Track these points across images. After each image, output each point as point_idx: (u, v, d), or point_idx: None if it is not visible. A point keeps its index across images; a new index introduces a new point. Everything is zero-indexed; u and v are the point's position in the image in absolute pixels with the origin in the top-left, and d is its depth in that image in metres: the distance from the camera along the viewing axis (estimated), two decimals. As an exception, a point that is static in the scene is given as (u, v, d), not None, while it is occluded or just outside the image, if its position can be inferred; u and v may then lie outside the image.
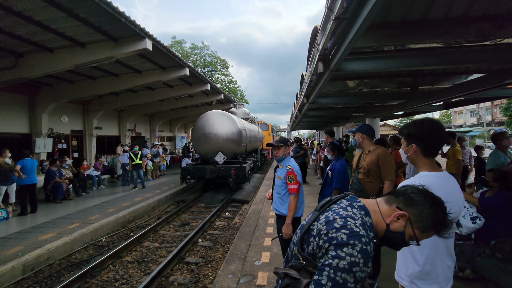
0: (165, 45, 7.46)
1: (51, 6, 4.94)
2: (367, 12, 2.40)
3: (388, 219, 1.14)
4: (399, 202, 1.16)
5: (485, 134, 31.35)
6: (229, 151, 9.94)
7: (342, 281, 0.94)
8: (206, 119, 9.90)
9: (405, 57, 4.75)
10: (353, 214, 1.08)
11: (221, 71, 33.59)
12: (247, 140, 11.32)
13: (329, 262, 0.96)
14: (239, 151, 10.48)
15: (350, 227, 1.02)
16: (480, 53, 4.64)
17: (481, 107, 36.44)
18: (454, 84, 7.42)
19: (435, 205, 1.12)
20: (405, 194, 1.17)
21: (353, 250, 0.96)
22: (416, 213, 1.11)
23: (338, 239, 0.99)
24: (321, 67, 4.38)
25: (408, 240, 1.13)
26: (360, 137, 3.20)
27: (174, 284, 4.08)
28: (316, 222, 1.12)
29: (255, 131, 14.12)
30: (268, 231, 5.25)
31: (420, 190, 1.17)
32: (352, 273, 0.94)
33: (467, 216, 3.27)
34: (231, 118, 10.15)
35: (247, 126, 11.90)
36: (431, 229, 1.11)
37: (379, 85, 8.27)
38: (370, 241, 1.01)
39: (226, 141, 9.79)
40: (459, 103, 10.45)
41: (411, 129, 1.68)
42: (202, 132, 9.74)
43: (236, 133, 9.97)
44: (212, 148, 9.77)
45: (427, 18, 3.54)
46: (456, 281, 3.26)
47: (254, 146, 13.97)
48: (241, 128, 10.49)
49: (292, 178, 2.93)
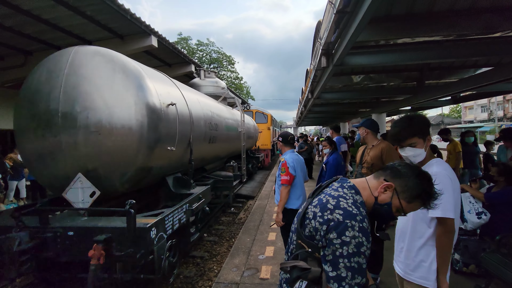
0: (171, 42, 7.51)
1: (58, 5, 5.03)
2: (368, 5, 2.38)
3: (376, 192, 1.18)
4: (386, 175, 1.20)
5: (497, 130, 30.69)
6: (120, 169, 2.94)
7: (357, 265, 0.98)
8: (51, 72, 2.93)
9: (411, 51, 4.69)
10: (344, 194, 1.12)
11: (227, 68, 33.57)
12: (215, 135, 5.37)
13: (339, 252, 0.99)
14: (173, 165, 3.84)
15: (343, 207, 1.06)
16: (489, 46, 4.54)
17: (493, 102, 35.58)
18: (462, 78, 7.27)
19: (420, 175, 1.16)
20: (392, 167, 1.22)
21: (354, 231, 1.00)
22: (402, 183, 1.16)
23: (335, 221, 1.03)
24: (325, 62, 4.36)
25: (395, 211, 1.16)
26: (364, 131, 3.20)
27: (180, 277, 4.16)
28: (310, 205, 1.16)
29: (235, 120, 7.42)
30: (271, 225, 5.29)
31: (407, 164, 1.22)
32: (362, 254, 0.99)
33: (473, 211, 3.24)
34: (138, 78, 3.02)
35: (215, 109, 5.76)
36: (417, 199, 1.15)
37: (385, 80, 8.17)
38: (364, 217, 1.06)
39: (118, 142, 2.87)
40: (468, 98, 10.25)
41: (419, 122, 1.71)
42: (36, 113, 2.91)
43: (156, 118, 3.09)
44: (63, 165, 2.90)
45: (433, 10, 3.48)
46: (461, 276, 3.25)
47: (235, 148, 7.49)
48: (185, 110, 3.96)
49: (284, 170, 3.05)
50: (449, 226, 1.55)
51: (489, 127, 33.28)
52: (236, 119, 7.51)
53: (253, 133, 10.50)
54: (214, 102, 6.46)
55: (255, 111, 14.41)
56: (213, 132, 5.21)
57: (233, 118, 7.27)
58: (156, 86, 3.26)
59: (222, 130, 5.89)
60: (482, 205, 3.25)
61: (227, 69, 33.66)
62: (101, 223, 2.53)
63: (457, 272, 3.27)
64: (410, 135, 1.67)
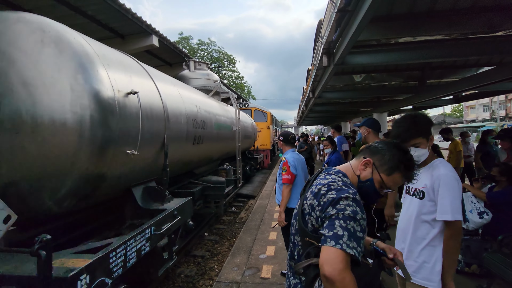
0: (172, 41, 7.51)
1: (59, 4, 5.04)
2: (369, 3, 2.37)
3: (357, 170, 1.25)
4: (365, 153, 1.27)
5: (498, 129, 30.57)
6: (53, 181, 2.08)
7: (352, 229, 0.99)
8: None
9: (412, 50, 4.67)
10: (332, 179, 1.15)
11: (228, 67, 33.59)
12: (201, 134, 4.51)
13: (335, 215, 1.01)
14: (140, 172, 2.96)
15: (335, 187, 1.10)
16: (491, 45, 4.52)
17: (495, 101, 35.43)
18: (463, 77, 7.24)
19: (396, 148, 1.22)
20: (370, 146, 1.29)
21: (348, 200, 1.04)
22: (379, 157, 1.21)
23: (330, 199, 1.06)
24: (326, 61, 4.35)
25: (379, 187, 1.21)
26: (365, 131, 3.19)
27: (181, 276, 4.17)
28: (305, 201, 1.17)
29: (229, 117, 6.49)
30: (272, 225, 5.29)
31: (384, 141, 1.28)
32: (357, 221, 1.01)
33: (474, 211, 3.23)
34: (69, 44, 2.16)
35: (202, 104, 4.94)
36: (395, 171, 1.19)
37: (386, 79, 8.15)
38: (356, 193, 1.09)
39: (47, 143, 2.03)
40: (470, 97, 10.21)
41: (423, 122, 1.71)
42: None
43: (105, 111, 2.23)
44: None
45: (434, 9, 3.47)
46: (463, 277, 3.24)
47: (230, 149, 6.58)
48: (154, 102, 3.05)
49: (285, 169, 3.05)
50: (458, 229, 1.55)
51: (491, 127, 33.15)
52: (230, 116, 6.50)
53: (250, 132, 9.44)
54: (204, 96, 5.47)
55: (254, 109, 13.49)
56: (199, 131, 4.25)
57: (226, 115, 6.25)
58: (112, 70, 2.43)
59: (211, 128, 4.91)
60: (484, 205, 3.24)
61: (228, 69, 33.68)
62: (6, 267, 1.64)
63: (459, 272, 3.26)
64: (415, 135, 1.65)
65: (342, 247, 0.94)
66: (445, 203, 1.54)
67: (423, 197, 1.65)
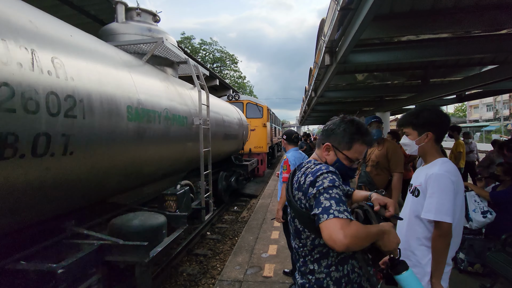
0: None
1: (62, 4, 5.07)
2: (372, 1, 2.37)
3: (323, 158, 1.29)
4: (322, 140, 1.31)
5: (502, 129, 30.36)
6: None
7: (337, 195, 1.04)
8: None
9: (415, 48, 4.65)
10: (307, 167, 1.20)
11: (230, 67, 33.63)
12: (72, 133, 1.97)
13: (317, 192, 1.06)
14: None
15: (310, 171, 1.15)
16: (495, 43, 4.49)
17: (498, 100, 35.19)
18: (467, 76, 7.20)
19: (343, 122, 1.26)
20: (323, 130, 1.33)
21: (323, 174, 1.10)
22: (334, 137, 1.26)
23: (308, 182, 1.12)
24: (328, 60, 4.34)
25: (348, 163, 1.25)
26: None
27: (184, 274, 4.18)
28: (293, 200, 1.21)
29: (184, 104, 3.90)
30: (275, 224, 5.29)
31: (334, 120, 1.31)
32: (337, 187, 1.06)
33: (478, 210, 3.21)
34: None
35: (92, 74, 2.25)
36: (353, 143, 1.23)
37: (389, 78, 8.11)
38: (328, 166, 1.16)
39: None
40: (473, 96, 10.14)
41: (426, 116, 1.63)
42: None
43: None
44: None
45: (437, 7, 3.45)
46: (466, 276, 3.23)
47: (189, 156, 4.10)
48: None
49: (285, 168, 3.05)
50: (444, 230, 1.48)
51: (494, 126, 32.93)
52: (186, 103, 3.99)
53: (236, 130, 7.00)
54: (136, 63, 3.22)
55: (246, 102, 10.97)
56: (70, 125, 1.96)
57: (178, 100, 3.77)
58: None
59: (120, 119, 2.50)
60: (487, 204, 3.22)
61: (230, 68, 33.72)
62: None
63: (462, 272, 3.25)
64: (405, 123, 1.71)
65: (335, 215, 0.98)
66: (431, 202, 1.50)
67: (418, 195, 1.63)
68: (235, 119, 7.06)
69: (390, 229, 1.10)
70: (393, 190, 2.99)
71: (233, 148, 7.24)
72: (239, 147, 7.94)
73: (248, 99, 11.22)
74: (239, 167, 8.10)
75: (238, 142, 7.49)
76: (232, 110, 7.30)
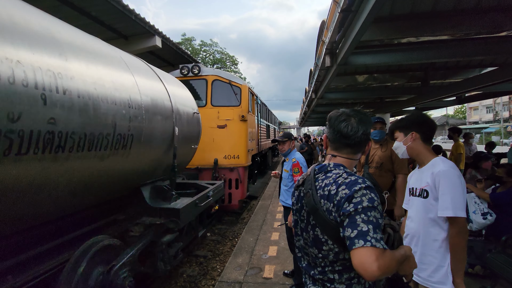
0: (174, 42, 7.55)
1: (63, 5, 5.08)
2: (373, 4, 2.38)
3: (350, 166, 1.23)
4: (337, 147, 1.24)
5: (502, 131, 30.39)
6: None
7: (375, 220, 0.97)
8: None
9: (415, 50, 4.66)
10: (336, 174, 1.12)
11: (230, 68, 33.66)
12: None
13: (354, 211, 0.98)
14: None
15: (344, 182, 1.07)
16: (494, 45, 4.51)
17: (498, 102, 35.25)
18: (467, 78, 7.21)
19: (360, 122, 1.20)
20: (332, 141, 1.25)
21: (361, 190, 1.01)
22: (347, 141, 1.20)
23: (344, 196, 1.02)
24: (328, 61, 4.35)
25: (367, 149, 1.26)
26: (369, 130, 3.19)
27: (184, 276, 4.17)
28: (320, 207, 1.11)
29: None
30: (275, 225, 5.29)
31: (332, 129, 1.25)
32: (376, 209, 0.99)
33: (478, 212, 3.21)
34: None
35: None
36: (365, 136, 1.19)
37: (389, 80, 8.13)
38: (364, 179, 1.08)
39: None
40: (473, 98, 10.16)
41: (409, 118, 1.79)
42: None
43: None
44: None
45: (437, 9, 3.46)
46: (466, 278, 3.21)
47: None
48: None
49: (298, 170, 3.01)
50: (462, 226, 1.50)
51: (494, 128, 32.98)
52: None
53: (162, 127, 3.16)
54: None
55: (212, 79, 6.61)
56: None
57: None
58: None
59: None
60: (487, 206, 3.22)
61: (231, 70, 33.74)
62: None
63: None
64: (394, 128, 1.82)
65: (372, 243, 0.91)
66: (446, 199, 1.51)
67: (427, 196, 1.63)
68: (167, 107, 3.33)
69: (411, 254, 1.09)
70: (398, 191, 2.97)
71: (136, 166, 2.85)
72: (166, 162, 3.46)
73: (216, 74, 6.74)
74: (162, 212, 3.11)
75: (160, 151, 3.26)
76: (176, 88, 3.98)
